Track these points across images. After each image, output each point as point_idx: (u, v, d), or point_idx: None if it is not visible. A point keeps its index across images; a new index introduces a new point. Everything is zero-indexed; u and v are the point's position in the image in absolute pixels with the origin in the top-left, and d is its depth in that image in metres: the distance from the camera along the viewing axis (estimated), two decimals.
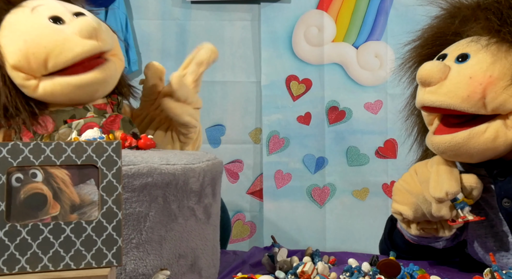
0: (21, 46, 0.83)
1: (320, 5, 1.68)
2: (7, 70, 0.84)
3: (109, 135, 0.79)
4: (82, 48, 0.83)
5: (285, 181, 1.69)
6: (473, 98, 0.74)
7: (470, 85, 0.74)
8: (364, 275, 0.75)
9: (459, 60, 0.77)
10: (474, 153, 0.76)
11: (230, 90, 1.69)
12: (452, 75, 0.76)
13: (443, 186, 0.76)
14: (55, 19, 0.85)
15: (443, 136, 0.77)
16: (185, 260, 0.70)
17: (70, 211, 0.52)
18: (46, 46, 0.82)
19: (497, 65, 0.74)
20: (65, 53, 0.82)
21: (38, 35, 0.83)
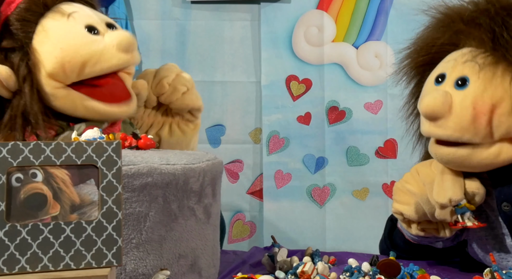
0: (57, 54, 0.84)
1: (320, 5, 1.68)
2: (40, 76, 0.85)
3: (109, 135, 0.79)
4: (118, 60, 0.87)
5: (285, 181, 1.69)
6: (479, 129, 0.73)
7: (474, 116, 0.73)
8: (364, 275, 0.75)
9: (459, 84, 0.76)
10: (476, 166, 0.76)
11: (230, 90, 1.69)
12: (456, 107, 0.75)
13: (447, 193, 0.76)
14: (91, 28, 0.88)
15: (447, 148, 0.77)
16: (185, 260, 0.70)
17: (70, 211, 0.52)
18: (82, 55, 0.84)
19: (497, 90, 0.73)
20: (102, 64, 0.85)
21: (75, 44, 0.85)
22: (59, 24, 0.86)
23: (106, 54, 0.86)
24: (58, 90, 0.86)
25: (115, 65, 0.87)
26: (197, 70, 1.68)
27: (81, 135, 0.80)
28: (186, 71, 1.65)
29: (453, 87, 0.77)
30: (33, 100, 0.84)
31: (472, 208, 0.78)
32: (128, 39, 0.87)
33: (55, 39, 0.85)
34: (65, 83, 0.86)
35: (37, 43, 0.85)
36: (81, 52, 0.84)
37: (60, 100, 0.86)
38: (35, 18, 0.86)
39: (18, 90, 0.85)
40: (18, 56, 0.85)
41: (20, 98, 0.85)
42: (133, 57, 0.90)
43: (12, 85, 0.85)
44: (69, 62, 0.84)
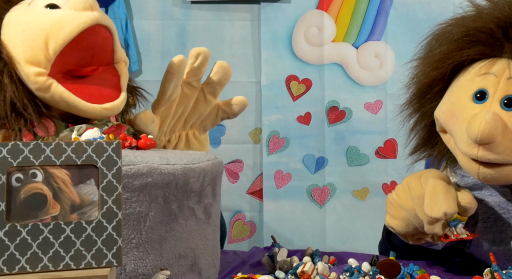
0: (21, 37, 0.82)
1: (320, 5, 1.68)
2: (17, 65, 0.83)
3: (109, 135, 0.79)
4: (78, 20, 0.81)
5: (285, 181, 1.69)
6: None
7: None
8: (364, 275, 0.75)
9: (506, 104, 0.72)
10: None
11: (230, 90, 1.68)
12: (507, 130, 0.71)
13: (441, 207, 0.74)
14: (52, 6, 0.85)
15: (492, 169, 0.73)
16: (185, 260, 0.70)
17: (70, 211, 0.52)
18: (43, 28, 0.81)
19: None
20: (63, 29, 0.81)
21: (35, 20, 0.83)
22: (20, 12, 0.86)
23: (64, 19, 0.81)
24: (40, 77, 0.82)
25: (76, 25, 0.80)
26: None
27: (81, 135, 0.80)
28: None
29: (499, 107, 0.73)
30: (15, 89, 0.82)
31: (464, 219, 0.78)
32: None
33: (18, 25, 0.84)
34: (45, 67, 0.82)
35: (4, 36, 0.85)
36: (41, 26, 0.81)
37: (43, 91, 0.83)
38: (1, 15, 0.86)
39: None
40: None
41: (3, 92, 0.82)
42: (97, 15, 0.82)
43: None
44: (34, 40, 0.81)
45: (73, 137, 0.81)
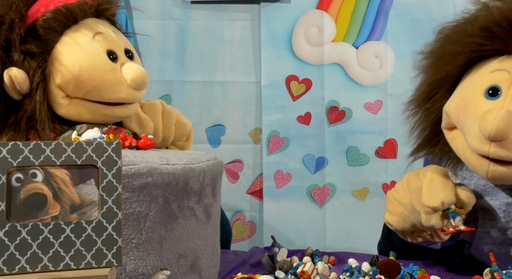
0: (74, 71, 0.86)
1: (320, 5, 1.68)
2: (50, 84, 0.87)
3: (109, 135, 0.79)
4: (126, 96, 0.91)
5: (285, 181, 1.69)
6: None
7: None
8: (364, 275, 0.75)
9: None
10: None
11: (230, 90, 1.69)
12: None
13: (439, 196, 0.75)
14: (111, 53, 0.91)
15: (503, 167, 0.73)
16: (185, 260, 0.70)
17: (70, 211, 0.52)
18: (96, 80, 0.87)
19: None
20: (110, 93, 0.89)
21: (94, 67, 0.88)
22: (85, 42, 0.89)
23: (118, 86, 0.89)
24: (63, 99, 0.88)
25: (122, 98, 0.91)
26: (197, 70, 1.68)
27: (81, 135, 0.80)
28: (186, 71, 1.68)
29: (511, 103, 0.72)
30: (42, 107, 0.86)
31: (463, 212, 0.77)
32: (142, 78, 0.91)
33: (77, 56, 0.87)
34: (70, 95, 0.89)
35: (59, 54, 0.87)
36: (96, 77, 0.87)
37: (65, 108, 0.89)
38: (61, 28, 0.88)
39: (28, 94, 0.87)
40: (36, 62, 0.86)
41: (29, 103, 0.86)
42: (141, 94, 0.94)
43: (25, 89, 0.86)
44: (82, 82, 0.87)
45: (73, 137, 0.82)
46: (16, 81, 0.84)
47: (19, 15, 0.85)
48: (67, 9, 0.88)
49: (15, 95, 0.86)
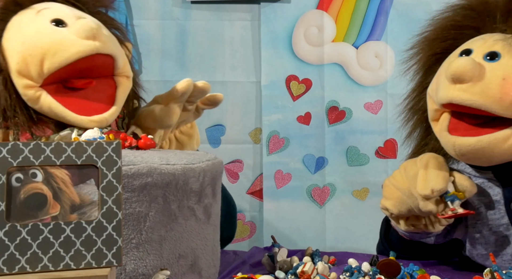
0: (19, 48, 0.81)
1: (320, 5, 1.68)
2: (10, 74, 0.82)
3: (109, 135, 0.79)
4: (78, 48, 0.80)
5: (285, 181, 1.69)
6: (505, 100, 0.71)
7: (503, 86, 0.71)
8: (364, 275, 0.75)
9: (488, 58, 0.74)
10: (495, 158, 0.74)
11: (230, 90, 1.69)
12: (486, 74, 0.72)
13: (430, 183, 0.75)
14: (58, 22, 0.83)
15: (466, 138, 0.74)
16: (185, 260, 0.70)
17: (70, 211, 0.52)
18: (42, 47, 0.80)
19: None
20: (60, 53, 0.79)
21: (36, 37, 0.81)
22: (25, 19, 0.84)
23: (64, 43, 0.80)
24: (29, 90, 0.81)
25: (74, 53, 0.80)
26: (197, 70, 1.68)
27: (81, 135, 0.80)
28: (186, 71, 1.67)
29: (482, 60, 0.75)
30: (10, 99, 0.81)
31: (462, 196, 0.77)
32: (87, 24, 0.81)
33: (19, 34, 0.82)
34: (36, 81, 0.81)
35: (5, 40, 0.83)
36: (40, 44, 0.80)
37: (32, 102, 0.82)
38: (7, 16, 0.84)
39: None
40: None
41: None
42: (98, 44, 0.81)
43: None
44: (30, 56, 0.80)
45: (73, 137, 0.81)
46: None
47: None
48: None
49: None
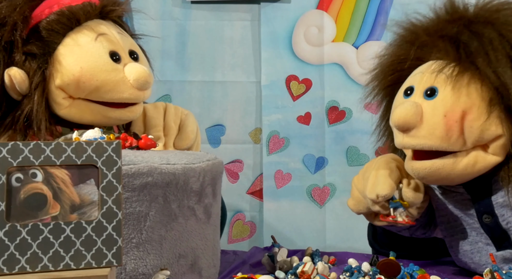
0: (76, 72, 0.86)
1: (320, 5, 1.68)
2: (51, 86, 0.87)
3: (110, 135, 0.79)
4: (129, 96, 0.90)
5: (285, 181, 1.69)
6: (451, 136, 0.74)
7: (446, 124, 0.74)
8: (364, 275, 0.75)
9: (428, 94, 0.77)
10: (454, 178, 0.77)
11: (230, 90, 1.69)
12: (427, 115, 0.76)
13: (376, 188, 0.78)
14: (113, 54, 0.90)
15: (423, 162, 0.77)
16: (185, 260, 0.70)
17: (70, 211, 0.52)
18: (98, 80, 0.87)
19: (465, 98, 0.74)
20: (113, 94, 0.88)
21: (96, 68, 0.87)
22: (86, 43, 0.88)
23: (120, 86, 0.88)
24: (64, 100, 0.88)
25: (125, 98, 0.90)
26: (197, 70, 1.68)
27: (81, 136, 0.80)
28: (186, 71, 1.67)
29: (422, 98, 0.77)
30: (40, 108, 0.86)
31: (406, 205, 0.80)
32: (145, 78, 0.90)
33: (78, 57, 0.87)
34: (72, 96, 0.88)
35: (60, 55, 0.87)
36: (98, 77, 0.87)
37: (66, 109, 0.88)
38: (64, 31, 0.88)
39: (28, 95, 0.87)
40: (37, 63, 0.86)
41: (28, 103, 0.86)
42: (145, 94, 0.93)
43: (24, 90, 0.86)
44: (84, 83, 0.86)
45: (73, 137, 0.82)
46: (15, 81, 0.84)
47: (22, 16, 0.85)
48: (70, 11, 0.88)
49: (15, 95, 0.87)
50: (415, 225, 0.86)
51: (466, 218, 0.82)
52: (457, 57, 0.76)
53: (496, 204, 0.77)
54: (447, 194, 0.84)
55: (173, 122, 0.98)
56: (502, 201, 0.77)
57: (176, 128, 0.99)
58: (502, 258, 0.79)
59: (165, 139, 0.96)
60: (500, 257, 0.79)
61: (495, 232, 0.79)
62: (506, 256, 0.78)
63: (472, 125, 0.74)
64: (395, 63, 0.87)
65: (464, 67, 0.75)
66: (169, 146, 0.98)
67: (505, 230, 0.78)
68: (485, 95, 0.74)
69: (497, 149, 0.75)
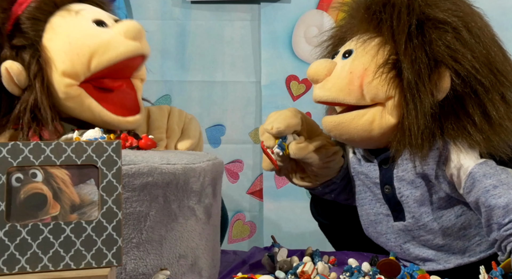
0: (66, 48, 0.84)
1: (320, 5, 1.68)
2: (52, 74, 0.85)
3: (110, 135, 0.79)
4: (126, 47, 0.85)
5: (285, 181, 1.69)
6: (353, 90, 0.82)
7: (350, 79, 0.82)
8: (364, 275, 0.75)
9: (345, 56, 0.86)
10: (354, 134, 0.84)
11: (230, 90, 1.69)
12: (336, 71, 0.85)
13: (275, 121, 0.85)
14: (99, 22, 0.88)
15: (330, 116, 0.86)
16: (185, 260, 0.70)
17: (70, 211, 0.52)
18: (90, 46, 0.84)
19: (369, 58, 0.82)
20: (109, 52, 0.84)
21: (83, 36, 0.85)
22: (67, 21, 0.87)
23: (113, 42, 0.85)
24: (70, 88, 0.85)
25: (123, 52, 0.85)
26: (197, 70, 1.68)
27: (82, 135, 0.80)
28: (186, 71, 1.67)
29: (340, 59, 0.87)
30: (43, 95, 0.84)
31: (286, 151, 0.86)
32: (135, 26, 0.87)
33: (63, 35, 0.86)
34: (78, 80, 0.85)
35: (46, 41, 0.86)
36: (88, 43, 0.84)
37: (71, 100, 0.86)
38: (44, 16, 0.87)
39: (28, 86, 0.85)
40: (28, 53, 0.85)
41: (30, 94, 0.85)
42: (142, 45, 0.88)
43: (23, 82, 0.85)
44: (78, 55, 0.84)
45: (74, 137, 0.81)
46: (13, 73, 0.83)
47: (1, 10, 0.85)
48: None
49: (15, 89, 0.86)
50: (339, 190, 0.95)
51: (374, 188, 0.89)
52: (371, 25, 0.85)
53: (396, 177, 0.85)
54: (364, 163, 0.91)
55: (176, 125, 0.98)
56: (402, 174, 0.85)
57: (179, 131, 0.98)
58: (397, 228, 0.87)
59: (167, 141, 0.95)
60: (395, 227, 0.88)
61: (391, 202, 0.87)
62: (400, 227, 0.87)
63: (369, 81, 0.81)
64: (338, 32, 0.96)
65: (375, 33, 0.84)
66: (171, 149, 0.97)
67: (399, 202, 0.85)
68: (382, 57, 0.82)
69: (391, 110, 0.81)
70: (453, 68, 0.78)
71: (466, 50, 0.78)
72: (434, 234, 0.84)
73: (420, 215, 0.84)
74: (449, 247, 0.85)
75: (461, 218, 0.84)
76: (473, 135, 0.78)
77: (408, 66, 0.79)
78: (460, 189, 0.80)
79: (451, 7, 0.81)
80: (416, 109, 0.78)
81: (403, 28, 0.80)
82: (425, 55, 0.79)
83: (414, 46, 0.79)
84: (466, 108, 0.79)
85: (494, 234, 0.76)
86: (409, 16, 0.80)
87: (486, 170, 0.78)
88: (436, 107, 0.79)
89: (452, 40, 0.79)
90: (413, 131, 0.79)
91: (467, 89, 0.79)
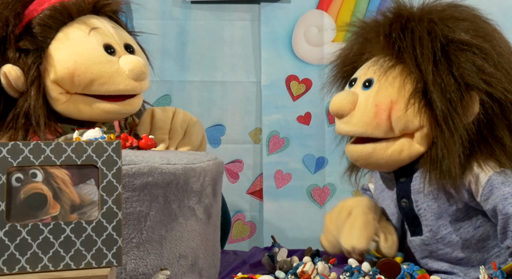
0: (70, 65, 0.85)
1: (320, 5, 1.68)
2: (47, 81, 0.86)
3: (110, 135, 0.79)
4: (125, 87, 0.88)
5: (285, 181, 1.69)
6: (381, 124, 0.81)
7: (376, 112, 0.81)
8: (364, 275, 0.75)
9: (366, 85, 0.84)
10: (382, 163, 0.83)
11: (230, 90, 1.69)
12: (360, 104, 0.83)
13: (352, 240, 0.83)
14: (108, 47, 0.89)
15: (356, 145, 0.84)
16: (185, 260, 0.70)
17: (70, 211, 0.52)
18: (93, 73, 0.86)
19: (394, 90, 0.81)
20: (108, 85, 0.87)
21: (90, 60, 0.86)
22: (80, 37, 0.88)
23: (116, 78, 0.87)
24: (61, 95, 0.87)
25: (122, 90, 0.88)
26: (197, 70, 1.67)
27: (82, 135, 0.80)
28: (186, 71, 1.67)
29: (361, 89, 0.84)
30: (37, 103, 0.85)
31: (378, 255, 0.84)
32: (141, 68, 0.88)
33: (72, 51, 0.87)
34: (69, 91, 0.87)
35: (53, 49, 0.87)
36: (92, 70, 0.86)
37: (64, 104, 0.88)
38: (56, 25, 0.88)
39: (25, 91, 0.86)
40: (31, 58, 0.86)
41: (25, 99, 0.86)
42: (142, 85, 0.91)
43: (20, 86, 0.86)
44: (79, 76, 0.85)
45: (74, 137, 0.81)
46: (11, 77, 0.84)
47: (14, 13, 0.85)
48: (62, 6, 0.88)
49: (12, 92, 0.86)
50: None
51: (391, 204, 0.89)
52: (391, 52, 0.83)
53: (413, 190, 0.84)
54: (383, 180, 0.92)
55: (180, 126, 0.98)
56: (419, 187, 0.83)
57: (182, 133, 0.98)
58: (414, 244, 0.86)
59: (169, 142, 0.96)
60: (413, 242, 0.86)
61: (409, 216, 0.86)
62: (417, 242, 0.86)
63: (398, 114, 0.80)
64: (350, 56, 0.93)
65: (396, 61, 0.82)
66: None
67: (416, 216, 0.84)
68: (409, 88, 0.80)
69: (421, 139, 0.80)
70: (486, 91, 0.76)
71: (497, 72, 0.76)
72: (452, 247, 0.83)
73: (438, 228, 0.83)
74: (468, 259, 0.83)
75: (479, 229, 0.82)
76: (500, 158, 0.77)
77: (439, 95, 0.76)
78: (478, 197, 0.79)
79: (471, 26, 0.79)
80: (451, 137, 0.76)
81: (428, 56, 0.78)
82: (454, 80, 0.77)
83: (442, 73, 0.77)
84: (494, 131, 0.78)
85: (508, 242, 0.76)
86: (433, 43, 0.78)
87: (504, 178, 0.77)
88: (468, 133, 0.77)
89: (481, 62, 0.76)
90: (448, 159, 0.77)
91: (497, 111, 0.77)
